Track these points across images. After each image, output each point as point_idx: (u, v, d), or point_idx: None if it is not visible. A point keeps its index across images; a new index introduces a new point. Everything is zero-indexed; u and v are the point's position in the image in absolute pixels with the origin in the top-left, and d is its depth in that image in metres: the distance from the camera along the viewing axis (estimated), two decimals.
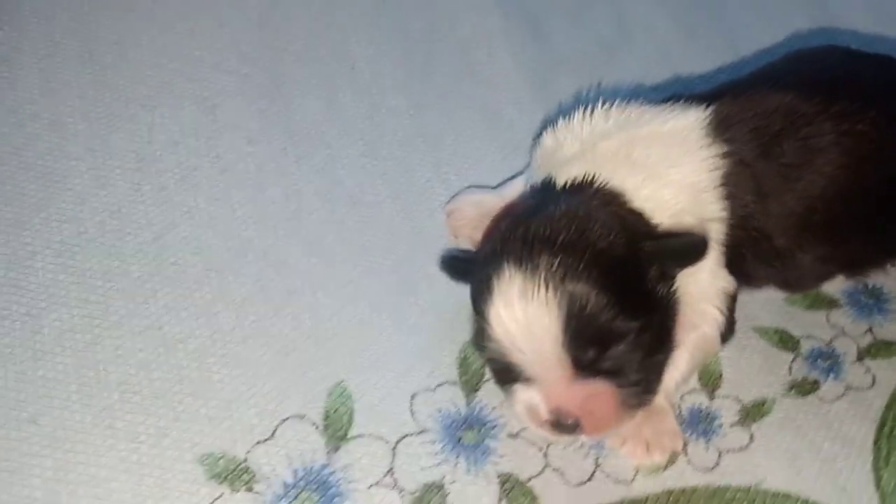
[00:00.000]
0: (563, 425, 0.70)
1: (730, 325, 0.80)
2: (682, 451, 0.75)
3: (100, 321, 0.79)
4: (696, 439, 0.76)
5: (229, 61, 1.03)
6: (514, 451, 0.74)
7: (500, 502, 0.71)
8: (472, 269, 0.77)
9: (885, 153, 0.80)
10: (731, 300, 0.80)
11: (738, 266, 0.79)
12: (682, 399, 0.79)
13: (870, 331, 0.84)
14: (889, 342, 0.83)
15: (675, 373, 0.76)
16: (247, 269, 0.84)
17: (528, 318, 0.67)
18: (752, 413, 0.78)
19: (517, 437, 0.75)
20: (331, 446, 0.73)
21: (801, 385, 0.80)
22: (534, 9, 1.14)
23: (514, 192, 0.89)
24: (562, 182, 0.76)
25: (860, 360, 0.82)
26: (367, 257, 0.87)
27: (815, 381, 0.80)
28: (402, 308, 0.83)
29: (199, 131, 0.95)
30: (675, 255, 0.72)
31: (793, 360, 0.82)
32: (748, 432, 0.76)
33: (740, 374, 0.81)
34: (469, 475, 0.72)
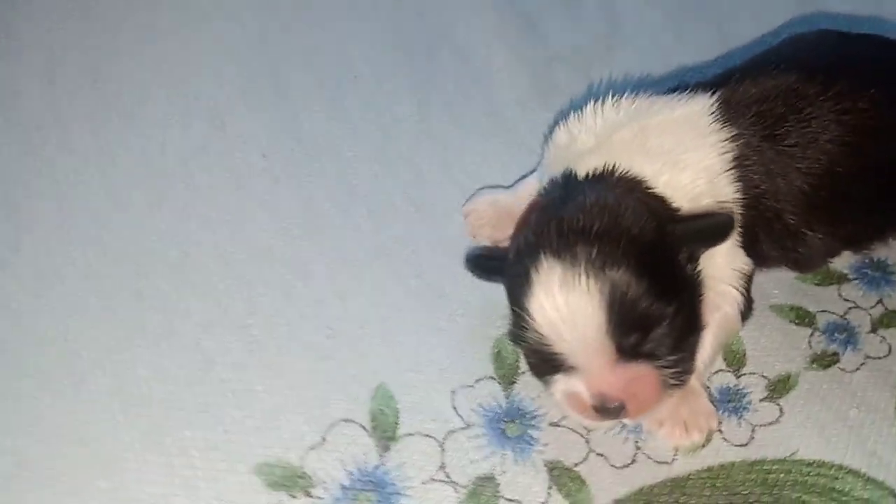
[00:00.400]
0: (607, 409, 0.72)
1: (748, 304, 0.83)
2: (717, 429, 0.78)
3: (137, 340, 0.80)
4: (729, 417, 0.79)
5: (233, 76, 1.05)
6: (557, 440, 0.76)
7: (550, 489, 0.73)
8: (500, 266, 0.79)
9: (885, 130, 0.83)
10: (748, 280, 0.82)
11: (753, 247, 0.82)
12: (710, 379, 0.81)
13: (880, 302, 0.87)
14: None
15: (703, 354, 0.79)
16: (274, 281, 0.86)
17: (571, 308, 0.69)
18: (779, 388, 0.81)
19: (558, 425, 0.77)
20: (381, 446, 0.74)
21: (821, 358, 0.83)
22: (527, 8, 1.17)
23: (528, 189, 0.91)
24: (583, 174, 0.78)
25: (874, 330, 0.85)
26: (389, 262, 0.88)
27: (835, 354, 0.83)
28: (431, 309, 0.85)
29: (210, 147, 0.97)
30: (704, 236, 0.75)
31: (811, 334, 0.85)
32: (777, 406, 0.79)
33: (763, 352, 0.83)
34: (517, 465, 0.74)
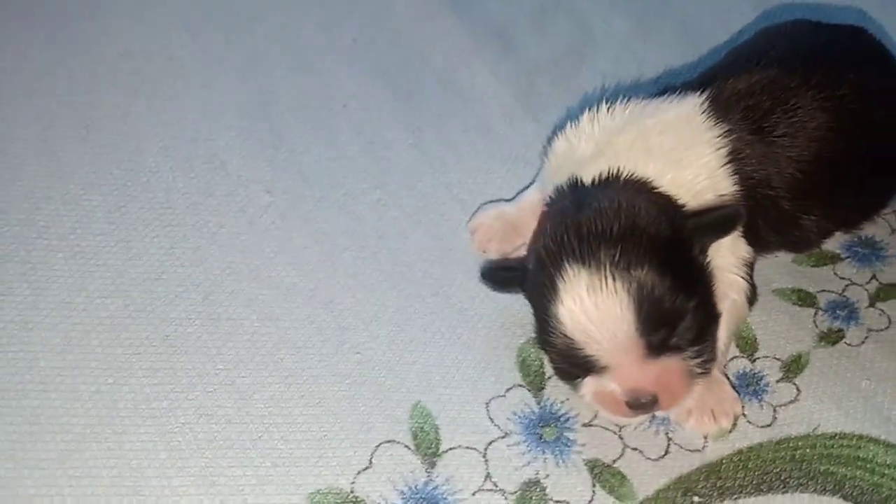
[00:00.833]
0: (641, 404, 0.75)
1: (753, 290, 0.87)
2: (742, 414, 0.81)
3: (172, 386, 0.81)
4: (750, 400, 0.82)
5: (226, 118, 1.06)
6: (592, 439, 0.80)
7: (594, 487, 0.76)
8: (517, 277, 0.82)
9: (865, 113, 0.88)
10: (751, 268, 0.87)
11: (753, 234, 0.86)
12: (727, 367, 0.85)
13: (874, 277, 0.92)
14: (893, 284, 0.91)
15: (719, 342, 0.82)
16: (299, 314, 0.87)
17: (601, 310, 0.72)
18: (793, 368, 0.85)
19: (591, 425, 0.80)
20: (427, 463, 0.77)
21: (828, 335, 0.87)
22: (499, 26, 1.20)
23: (531, 200, 0.94)
24: (589, 180, 0.81)
25: (872, 304, 0.90)
26: (406, 284, 0.91)
27: (840, 330, 0.87)
28: (453, 325, 0.87)
29: (215, 189, 0.98)
30: (715, 228, 0.79)
31: (815, 314, 0.89)
32: (794, 386, 0.83)
33: (772, 335, 0.88)
34: (559, 468, 0.77)
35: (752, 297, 0.87)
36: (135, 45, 1.15)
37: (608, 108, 0.87)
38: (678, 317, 0.74)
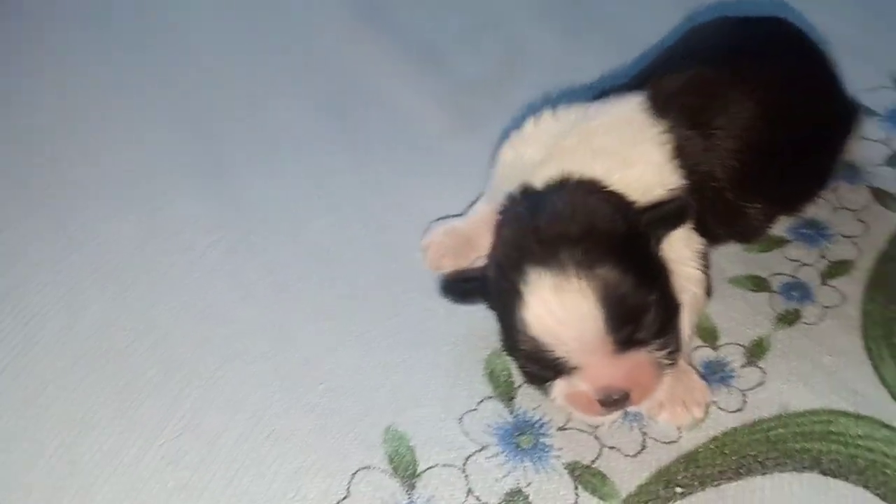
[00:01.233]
0: (613, 401, 0.75)
1: (709, 281, 0.88)
2: (712, 401, 0.82)
3: (136, 435, 0.78)
4: (718, 387, 0.83)
5: (164, 157, 1.04)
6: (569, 442, 0.79)
7: (577, 489, 0.76)
8: (477, 287, 0.82)
9: (793, 99, 0.90)
10: (706, 259, 0.88)
11: (703, 227, 0.87)
12: (691, 357, 0.86)
13: (823, 256, 0.94)
14: (841, 261, 0.93)
15: (681, 333, 0.83)
16: (258, 349, 0.86)
17: (568, 311, 0.72)
18: (755, 352, 0.86)
19: (566, 428, 0.80)
20: (407, 485, 0.75)
21: (785, 317, 0.88)
22: (428, 46, 1.21)
23: (481, 213, 0.94)
24: (541, 185, 0.82)
25: (824, 283, 0.91)
26: (365, 308, 0.90)
27: (796, 310, 0.89)
28: (416, 345, 0.86)
29: (160, 230, 0.96)
30: (668, 221, 0.79)
31: (770, 298, 0.90)
32: (759, 369, 0.84)
33: (732, 322, 0.88)
34: (540, 474, 0.77)
35: (709, 288, 0.88)
36: (70, 88, 1.13)
37: (552, 114, 0.88)
38: (642, 311, 0.74)
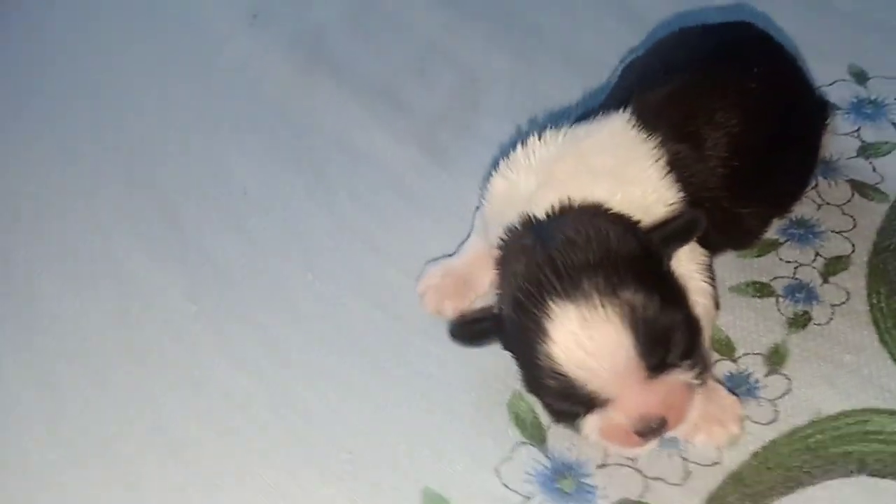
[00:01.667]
0: (651, 430, 0.72)
1: (716, 292, 0.86)
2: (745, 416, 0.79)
3: None
4: (746, 400, 0.81)
5: (120, 226, 0.98)
6: (611, 479, 0.76)
7: None
8: (489, 327, 0.78)
9: (773, 100, 0.90)
10: (711, 270, 0.86)
11: (703, 238, 0.85)
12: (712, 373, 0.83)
13: (818, 254, 0.93)
14: (836, 257, 0.92)
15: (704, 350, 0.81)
16: (261, 421, 0.80)
17: (597, 342, 0.69)
18: (775, 359, 0.84)
19: (605, 465, 0.77)
20: None
21: (796, 320, 0.87)
22: (380, 84, 1.16)
23: (476, 250, 0.91)
24: (542, 213, 0.78)
25: (826, 281, 0.90)
26: (370, 365, 0.85)
27: (805, 312, 0.88)
28: (431, 396, 0.82)
29: (129, 306, 0.90)
30: (680, 237, 0.77)
31: (776, 302, 0.89)
32: (783, 376, 0.83)
33: (744, 332, 0.87)
34: None
35: (717, 300, 0.86)
36: (12, 166, 1.06)
37: (540, 139, 0.85)
38: (671, 332, 0.72)
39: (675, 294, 0.75)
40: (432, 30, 1.25)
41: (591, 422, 0.73)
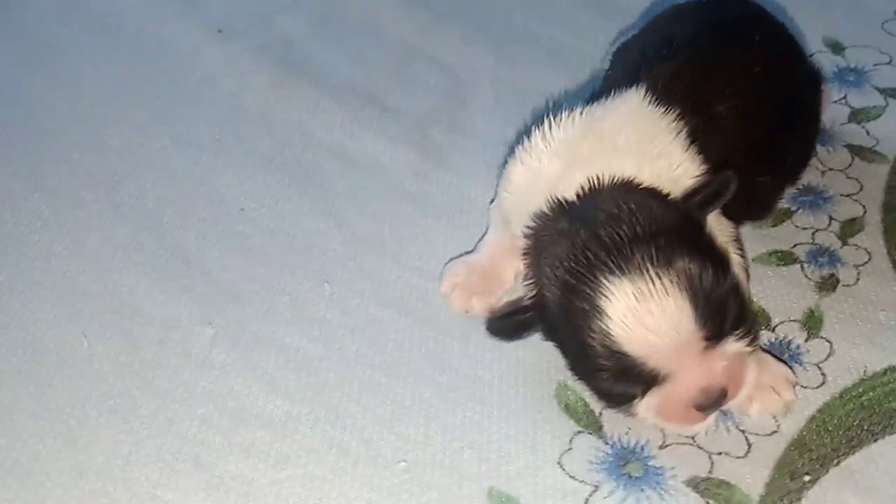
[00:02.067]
0: (711, 402, 0.71)
1: (747, 263, 0.86)
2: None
3: None
4: (792, 366, 0.80)
5: (119, 254, 0.92)
6: (676, 458, 0.74)
7: (709, 503, 0.70)
8: (532, 317, 0.76)
9: (777, 71, 0.91)
10: (740, 242, 0.85)
11: (725, 211, 0.85)
12: None
13: (832, 218, 0.94)
14: (850, 219, 0.93)
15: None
16: (309, 444, 0.76)
17: (656, 315, 0.67)
18: (812, 324, 0.84)
19: (667, 445, 0.75)
20: None
21: (824, 284, 0.87)
22: (361, 89, 1.14)
23: (498, 242, 0.89)
24: (573, 194, 0.76)
25: (845, 243, 0.91)
26: (411, 374, 0.81)
27: (832, 275, 0.88)
28: (478, 398, 0.79)
29: (139, 341, 0.83)
30: (716, 199, 0.76)
31: (801, 268, 0.89)
32: (822, 339, 0.82)
33: (776, 301, 0.87)
34: (665, 499, 0.71)
35: (748, 271, 0.85)
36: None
37: (556, 122, 0.83)
38: (725, 298, 0.70)
39: (722, 261, 0.74)
40: (407, 33, 1.23)
41: (646, 402, 0.72)
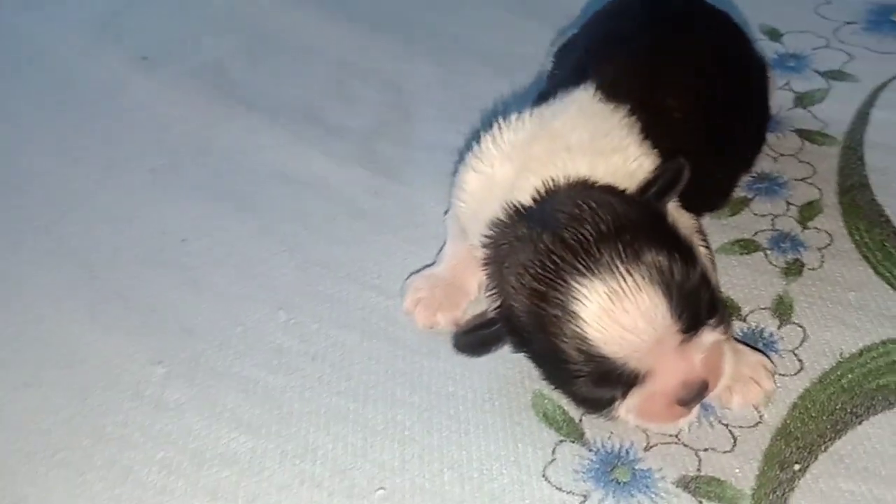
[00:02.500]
0: (693, 396, 0.69)
1: (712, 254, 0.84)
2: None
3: None
4: (769, 354, 0.78)
5: (67, 303, 0.87)
6: (663, 459, 0.72)
7: (702, 502, 0.68)
8: (499, 330, 0.73)
9: (726, 61, 0.91)
10: (703, 233, 0.84)
11: (684, 203, 0.84)
12: None
13: (789, 203, 0.93)
14: (808, 203, 0.93)
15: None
16: (279, 480, 0.72)
17: (632, 312, 0.65)
18: (783, 310, 0.83)
19: (652, 446, 0.73)
20: None
21: (790, 269, 0.86)
22: (302, 109, 1.12)
23: (457, 254, 0.86)
24: (528, 199, 0.74)
25: (804, 227, 0.90)
26: (381, 396, 0.78)
27: (796, 260, 0.87)
28: (452, 414, 0.76)
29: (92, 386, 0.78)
30: (672, 187, 0.74)
31: (765, 255, 0.88)
32: (795, 325, 0.81)
33: (744, 290, 0.85)
34: (656, 503, 0.68)
35: (714, 261, 0.84)
36: None
37: (507, 125, 0.81)
38: (695, 290, 0.68)
39: (688, 251, 0.71)
40: (340, 49, 1.21)
41: (626, 403, 0.70)
